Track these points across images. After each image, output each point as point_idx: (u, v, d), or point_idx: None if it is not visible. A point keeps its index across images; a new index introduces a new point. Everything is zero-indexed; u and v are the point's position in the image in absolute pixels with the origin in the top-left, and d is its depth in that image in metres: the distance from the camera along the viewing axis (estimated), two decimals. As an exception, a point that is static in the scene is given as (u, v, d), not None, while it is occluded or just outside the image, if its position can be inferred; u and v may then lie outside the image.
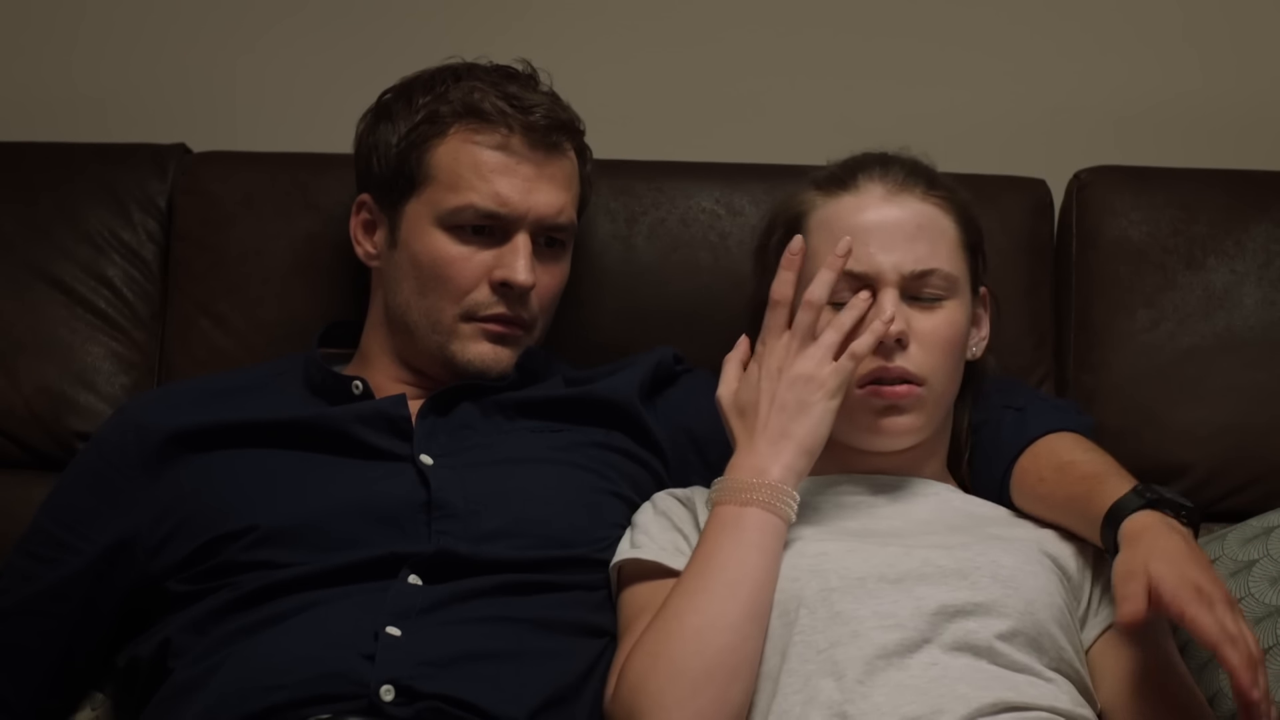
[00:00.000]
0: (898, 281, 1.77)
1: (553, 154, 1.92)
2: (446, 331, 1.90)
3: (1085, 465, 1.76)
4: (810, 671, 1.62)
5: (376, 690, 1.64)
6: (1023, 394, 1.91)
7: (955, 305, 1.80)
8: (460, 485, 1.80)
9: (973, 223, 1.85)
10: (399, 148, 1.91)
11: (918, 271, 1.77)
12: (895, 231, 1.78)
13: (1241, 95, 2.36)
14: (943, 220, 1.81)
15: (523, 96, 1.91)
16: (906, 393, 1.76)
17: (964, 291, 1.82)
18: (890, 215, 1.79)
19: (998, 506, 1.82)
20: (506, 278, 1.88)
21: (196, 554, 1.77)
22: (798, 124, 2.34)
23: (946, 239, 1.81)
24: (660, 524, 1.79)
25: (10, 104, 2.37)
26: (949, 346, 1.79)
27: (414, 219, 1.91)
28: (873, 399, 1.76)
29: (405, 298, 1.92)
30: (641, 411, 1.92)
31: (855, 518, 1.77)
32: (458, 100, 1.91)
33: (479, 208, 1.88)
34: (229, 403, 1.90)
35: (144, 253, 2.14)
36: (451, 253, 1.89)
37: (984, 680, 1.60)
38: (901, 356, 1.76)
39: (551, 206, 1.91)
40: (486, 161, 1.89)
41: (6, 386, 2.08)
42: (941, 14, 2.37)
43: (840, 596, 1.65)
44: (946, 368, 1.79)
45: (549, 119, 1.91)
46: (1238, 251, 2.11)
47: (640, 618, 1.71)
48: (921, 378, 1.76)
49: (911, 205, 1.80)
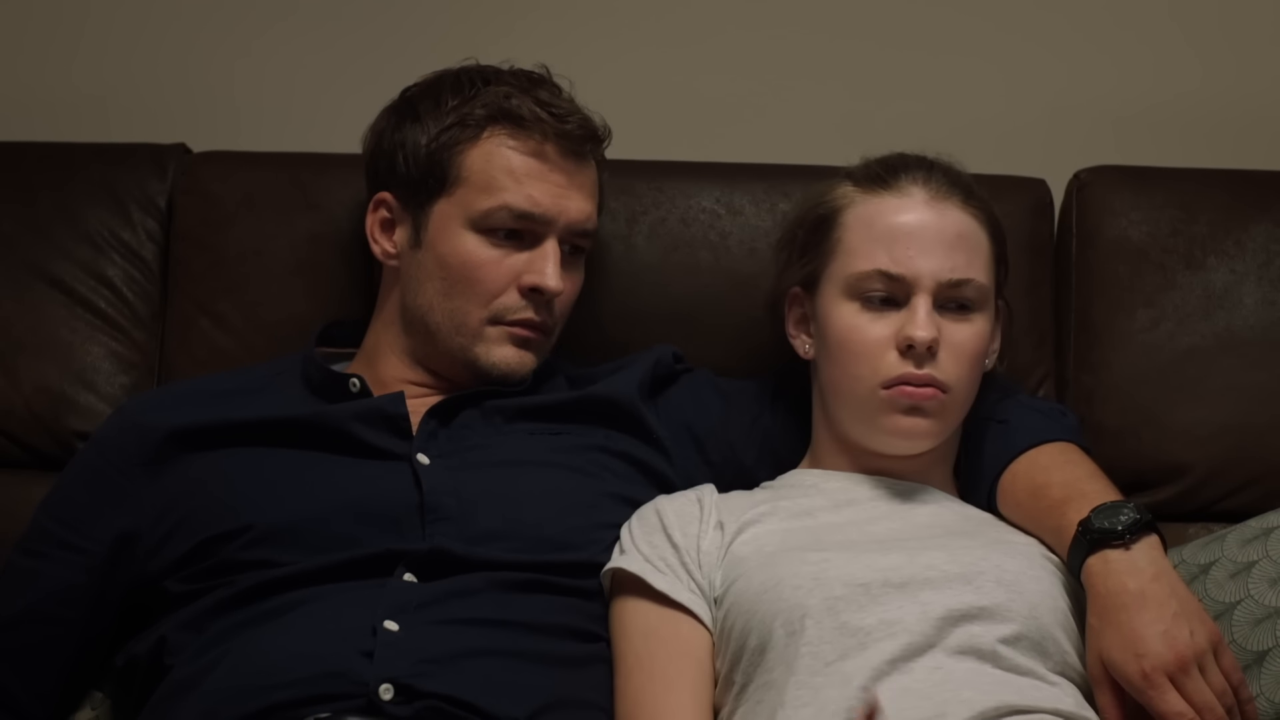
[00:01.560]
0: (933, 289, 1.77)
1: (582, 163, 1.93)
2: (471, 334, 1.90)
3: (1055, 490, 1.76)
4: (819, 684, 1.62)
5: (375, 689, 1.64)
6: (1007, 401, 1.90)
7: (983, 318, 1.81)
8: (454, 486, 1.80)
9: (1002, 235, 1.86)
10: (429, 148, 1.90)
11: (954, 280, 1.78)
12: (936, 238, 1.79)
13: (1242, 94, 2.36)
14: (979, 232, 1.82)
15: (555, 104, 1.92)
16: (932, 395, 1.76)
17: (991, 304, 1.82)
18: (931, 221, 1.79)
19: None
20: (538, 283, 1.88)
21: (194, 553, 1.78)
22: (798, 124, 2.34)
23: (981, 251, 1.81)
24: (649, 532, 1.79)
25: (11, 103, 2.37)
26: (976, 358, 1.80)
27: (443, 220, 1.90)
28: (899, 397, 1.76)
29: (429, 299, 1.91)
30: (643, 410, 1.92)
31: (857, 523, 1.78)
32: (491, 104, 1.90)
33: (513, 208, 1.88)
34: (228, 402, 1.90)
35: (144, 252, 2.14)
36: (482, 255, 1.89)
37: (988, 684, 1.60)
38: (931, 364, 1.76)
39: (581, 213, 1.92)
40: (520, 166, 1.89)
41: (6, 386, 2.08)
42: (942, 14, 2.37)
43: (846, 606, 1.65)
44: (970, 378, 1.80)
45: (583, 129, 1.93)
46: (1238, 251, 2.11)
47: (628, 640, 1.73)
48: (948, 385, 1.77)
49: (952, 214, 1.80)
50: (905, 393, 1.76)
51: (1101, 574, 1.65)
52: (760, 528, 1.77)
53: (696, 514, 1.79)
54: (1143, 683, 1.60)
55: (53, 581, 1.83)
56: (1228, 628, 1.75)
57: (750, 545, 1.75)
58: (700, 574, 1.75)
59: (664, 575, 1.75)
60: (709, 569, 1.75)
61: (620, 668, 1.74)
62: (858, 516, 1.78)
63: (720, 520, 1.78)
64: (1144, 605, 1.63)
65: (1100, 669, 1.63)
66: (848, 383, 1.79)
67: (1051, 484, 1.77)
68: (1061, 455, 1.81)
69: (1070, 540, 1.69)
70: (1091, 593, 1.66)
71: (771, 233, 2.09)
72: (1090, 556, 1.67)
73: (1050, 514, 1.74)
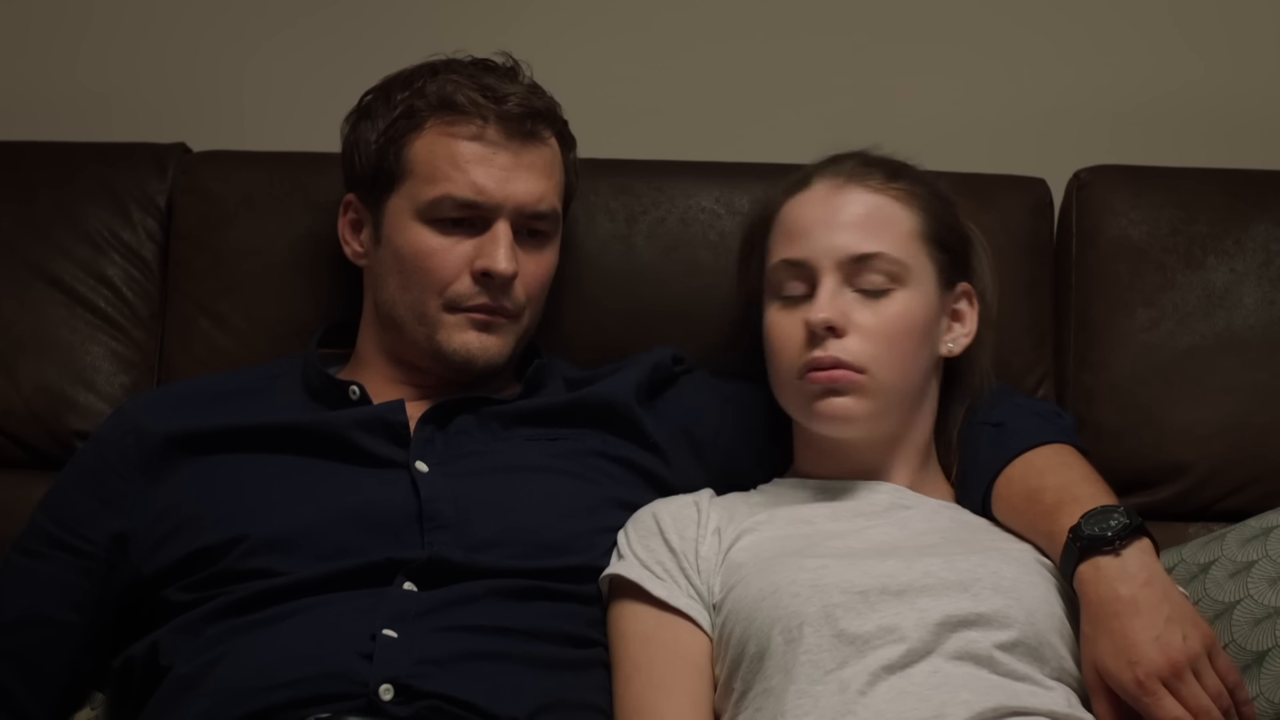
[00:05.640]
0: (834, 267, 1.77)
1: (530, 142, 1.92)
2: (432, 323, 1.90)
3: (1049, 495, 1.75)
4: (819, 693, 1.62)
5: (376, 689, 1.65)
6: (1003, 404, 1.89)
7: (907, 295, 1.79)
8: (452, 494, 1.80)
9: (941, 217, 1.84)
10: (378, 144, 1.91)
11: (855, 255, 1.78)
12: (834, 220, 1.80)
13: (1243, 92, 2.36)
14: (895, 209, 1.81)
15: (498, 87, 1.91)
16: (841, 376, 1.75)
17: (920, 282, 1.80)
18: (832, 205, 1.81)
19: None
20: (487, 267, 1.88)
21: (192, 560, 1.77)
22: (798, 124, 2.34)
23: (896, 227, 1.81)
24: (646, 537, 1.79)
25: (12, 101, 2.37)
26: (897, 337, 1.78)
27: (395, 214, 1.91)
28: (808, 385, 1.76)
29: (391, 293, 1.92)
30: (638, 414, 1.91)
31: (854, 530, 1.77)
32: (433, 94, 1.91)
33: (456, 197, 1.88)
34: (228, 405, 1.90)
35: (144, 252, 2.14)
36: (432, 245, 1.89)
37: (985, 688, 1.60)
38: (835, 346, 1.75)
39: (531, 194, 1.90)
40: (462, 152, 1.89)
41: (6, 386, 2.08)
42: (942, 14, 2.37)
43: (844, 613, 1.65)
44: (892, 359, 1.78)
45: (524, 107, 1.91)
46: (1237, 251, 2.11)
47: (626, 646, 1.73)
48: (860, 366, 1.76)
49: (856, 195, 1.81)
50: (814, 378, 1.76)
51: (1093, 581, 1.65)
52: (758, 534, 1.77)
53: (694, 518, 1.79)
54: (1138, 690, 1.60)
55: (50, 582, 1.83)
56: (1227, 627, 1.75)
57: (748, 551, 1.75)
58: (698, 579, 1.75)
59: (662, 581, 1.75)
60: (707, 574, 1.75)
61: (619, 673, 1.74)
62: (855, 523, 1.78)
63: (718, 526, 1.78)
64: (1136, 612, 1.62)
65: (1095, 677, 1.63)
66: (779, 378, 1.81)
67: (1045, 488, 1.76)
68: (1057, 458, 1.81)
69: (1062, 547, 1.69)
70: (1084, 600, 1.66)
71: (771, 233, 2.09)
72: (1081, 564, 1.66)
73: (1043, 519, 1.74)
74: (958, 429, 1.87)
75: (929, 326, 1.81)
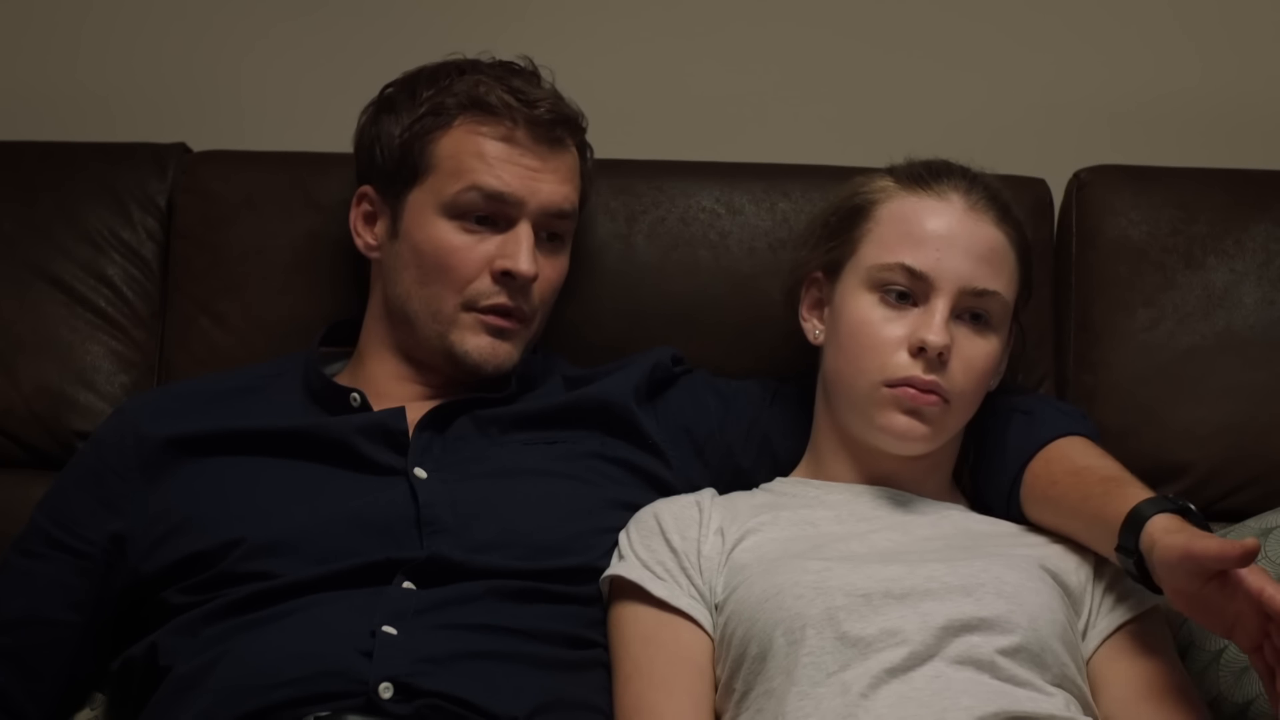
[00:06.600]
0: (954, 294, 1.77)
1: (556, 148, 1.93)
2: (447, 321, 1.90)
3: (1102, 470, 1.76)
4: (821, 695, 1.61)
5: (375, 687, 1.65)
6: (1029, 396, 1.91)
7: (998, 337, 1.81)
8: (450, 499, 1.80)
9: (1030, 259, 1.87)
10: (402, 138, 1.91)
11: (978, 289, 1.78)
12: (967, 245, 1.79)
13: (1243, 92, 2.36)
14: (1009, 250, 1.82)
15: (527, 91, 1.92)
16: (934, 401, 1.76)
17: (1008, 325, 1.83)
18: (965, 228, 1.79)
19: (997, 523, 1.83)
20: (509, 267, 1.88)
21: (189, 563, 1.77)
22: (798, 124, 2.34)
23: (1008, 270, 1.82)
24: (647, 537, 1.78)
25: (12, 101, 2.37)
26: (984, 375, 1.80)
27: (417, 208, 1.91)
28: (901, 397, 1.75)
29: (406, 287, 1.91)
30: (637, 414, 1.91)
31: (858, 533, 1.77)
32: (463, 93, 1.91)
33: (483, 188, 1.88)
34: (228, 407, 1.90)
35: (144, 252, 2.14)
36: (454, 241, 1.89)
37: (986, 693, 1.60)
38: (939, 371, 1.75)
39: (554, 196, 1.91)
40: (490, 151, 1.89)
41: (6, 386, 2.08)
42: (941, 13, 2.37)
43: (846, 615, 1.64)
44: (974, 393, 1.80)
45: (553, 113, 1.92)
46: (1237, 251, 2.11)
47: (626, 647, 1.73)
48: (950, 395, 1.76)
49: (986, 227, 1.81)
50: (908, 394, 1.75)
51: (1186, 531, 1.60)
52: (762, 535, 1.77)
53: (696, 518, 1.79)
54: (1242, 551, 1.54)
55: (49, 583, 1.83)
56: (1227, 628, 1.75)
57: (752, 553, 1.75)
58: (700, 579, 1.75)
59: (663, 582, 1.75)
60: (710, 574, 1.75)
61: (619, 673, 1.74)
62: (859, 527, 1.78)
63: (721, 526, 1.78)
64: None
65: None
66: (852, 374, 1.79)
67: (1095, 466, 1.76)
68: (1094, 449, 1.81)
69: (1135, 504, 1.64)
70: (1159, 529, 1.61)
71: (771, 232, 2.09)
72: (1169, 515, 1.62)
73: (1099, 486, 1.72)
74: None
75: (1001, 366, 1.84)
